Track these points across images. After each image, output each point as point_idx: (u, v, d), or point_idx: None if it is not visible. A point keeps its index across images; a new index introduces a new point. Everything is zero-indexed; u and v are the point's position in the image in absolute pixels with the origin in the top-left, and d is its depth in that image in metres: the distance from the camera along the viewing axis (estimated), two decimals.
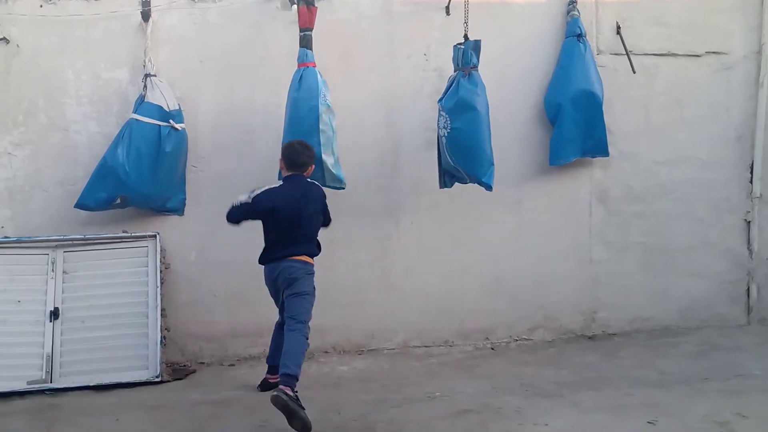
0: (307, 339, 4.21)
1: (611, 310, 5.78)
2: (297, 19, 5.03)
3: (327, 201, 4.53)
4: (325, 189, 4.96)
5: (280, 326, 4.49)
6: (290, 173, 4.43)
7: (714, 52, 5.89)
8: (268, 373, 4.65)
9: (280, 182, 4.42)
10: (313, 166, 4.56)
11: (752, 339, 5.53)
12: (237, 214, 4.31)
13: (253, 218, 4.33)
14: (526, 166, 5.66)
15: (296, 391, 3.89)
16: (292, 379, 3.94)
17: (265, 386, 4.57)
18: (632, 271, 5.81)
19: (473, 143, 4.90)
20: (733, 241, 5.94)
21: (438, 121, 5.04)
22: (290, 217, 4.28)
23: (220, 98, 5.38)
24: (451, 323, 5.64)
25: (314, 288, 4.38)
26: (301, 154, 4.44)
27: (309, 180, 4.48)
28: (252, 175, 5.09)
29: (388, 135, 5.54)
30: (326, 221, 4.59)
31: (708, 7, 5.87)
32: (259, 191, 4.30)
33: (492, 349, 5.57)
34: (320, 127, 4.87)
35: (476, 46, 4.88)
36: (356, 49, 5.50)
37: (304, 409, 3.81)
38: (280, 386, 3.84)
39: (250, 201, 4.26)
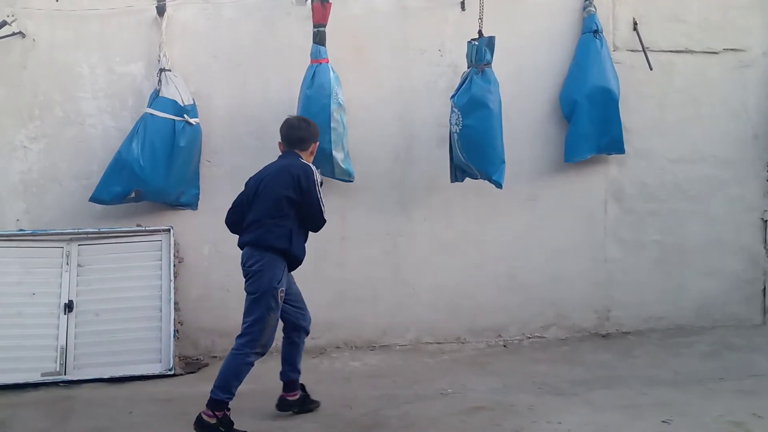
0: (249, 357, 3.69)
1: (625, 309, 5.74)
2: (310, 15, 5.04)
3: (324, 197, 3.85)
4: (334, 182, 4.99)
5: (285, 335, 4.10)
6: (285, 151, 3.98)
7: (731, 50, 5.83)
8: (282, 390, 4.09)
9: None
10: (316, 144, 4.03)
11: (767, 339, 5.47)
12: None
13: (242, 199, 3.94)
14: (541, 163, 5.63)
15: (223, 413, 3.63)
16: (215, 405, 3.61)
17: (282, 405, 4.08)
18: (646, 269, 5.76)
19: (485, 141, 4.91)
20: (749, 239, 5.88)
21: (450, 117, 5.03)
22: (252, 194, 3.83)
23: (233, 93, 5.39)
24: (464, 320, 5.62)
25: (270, 290, 3.71)
26: (297, 128, 3.95)
27: (301, 162, 3.85)
28: None
29: (401, 131, 5.53)
30: (308, 221, 3.85)
31: (726, 3, 5.81)
32: None
33: (504, 346, 5.55)
34: (331, 125, 4.92)
35: (490, 42, 4.86)
36: (370, 45, 5.48)
37: (231, 425, 3.64)
38: (202, 411, 3.66)
39: None
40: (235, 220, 3.96)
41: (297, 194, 3.73)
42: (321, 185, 3.86)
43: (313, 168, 3.85)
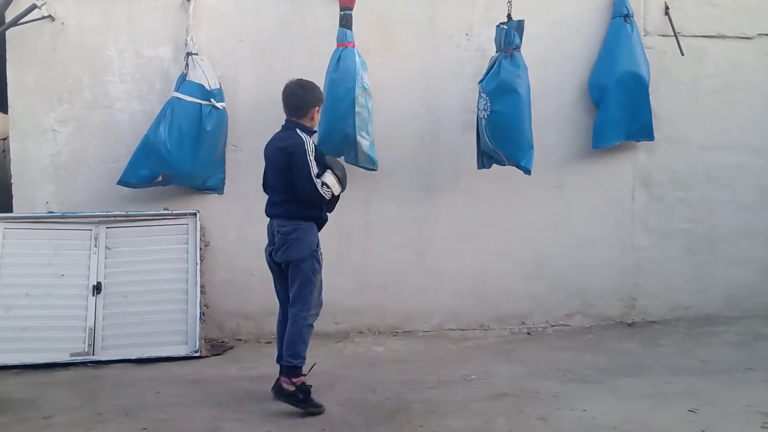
0: (308, 320, 3.86)
1: (652, 298, 5.69)
2: None
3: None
4: (358, 168, 4.99)
5: (281, 318, 4.12)
6: (286, 119, 3.98)
7: (765, 35, 5.73)
8: (280, 373, 3.98)
9: None
10: (315, 109, 3.94)
11: None
12: None
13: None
14: (569, 149, 5.57)
15: (300, 380, 3.82)
16: (290, 372, 3.83)
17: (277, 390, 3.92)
18: (675, 258, 5.70)
19: (513, 126, 4.85)
20: None
21: (478, 102, 4.98)
22: (267, 166, 4.05)
23: (259, 77, 5.37)
24: (488, 307, 5.60)
25: (312, 254, 3.85)
26: (293, 96, 3.91)
27: (294, 138, 3.82)
28: None
29: (427, 116, 5.49)
30: (296, 188, 3.79)
31: None
32: None
33: (528, 334, 5.52)
34: (356, 109, 4.88)
35: (519, 26, 4.80)
36: (396, 29, 5.44)
37: (308, 393, 3.80)
38: (280, 379, 3.85)
39: None
40: (264, 183, 4.18)
41: (290, 170, 3.82)
42: (313, 153, 3.84)
43: (305, 138, 3.84)
